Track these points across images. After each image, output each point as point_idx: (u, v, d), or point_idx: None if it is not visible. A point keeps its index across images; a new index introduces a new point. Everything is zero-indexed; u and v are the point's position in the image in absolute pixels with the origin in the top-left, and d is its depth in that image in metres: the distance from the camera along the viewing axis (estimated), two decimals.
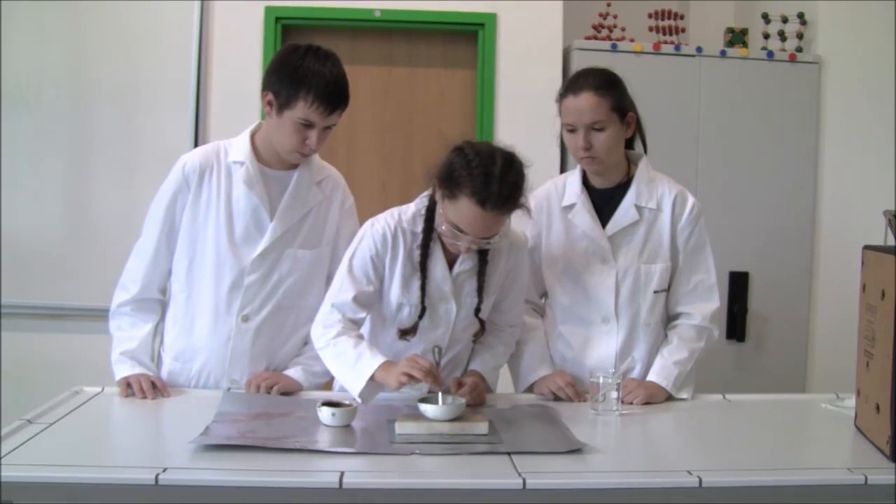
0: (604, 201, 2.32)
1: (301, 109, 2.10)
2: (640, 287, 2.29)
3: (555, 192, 2.38)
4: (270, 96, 2.14)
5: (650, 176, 2.32)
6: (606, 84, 2.23)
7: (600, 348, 2.32)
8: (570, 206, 2.33)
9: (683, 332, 2.31)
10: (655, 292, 2.30)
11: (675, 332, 2.32)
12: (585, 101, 2.20)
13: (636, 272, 2.29)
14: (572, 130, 2.23)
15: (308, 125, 2.13)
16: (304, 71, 2.10)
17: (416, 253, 2.12)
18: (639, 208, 2.29)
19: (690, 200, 2.32)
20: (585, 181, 2.35)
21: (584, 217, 2.31)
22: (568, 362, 2.36)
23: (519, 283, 2.28)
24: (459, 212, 1.96)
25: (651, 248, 2.30)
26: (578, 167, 2.35)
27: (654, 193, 2.30)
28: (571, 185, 2.36)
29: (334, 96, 2.12)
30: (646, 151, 2.38)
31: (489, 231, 2.00)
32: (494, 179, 1.93)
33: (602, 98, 2.20)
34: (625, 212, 2.29)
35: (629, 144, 2.35)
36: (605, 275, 2.30)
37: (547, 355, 2.37)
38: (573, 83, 2.25)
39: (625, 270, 2.29)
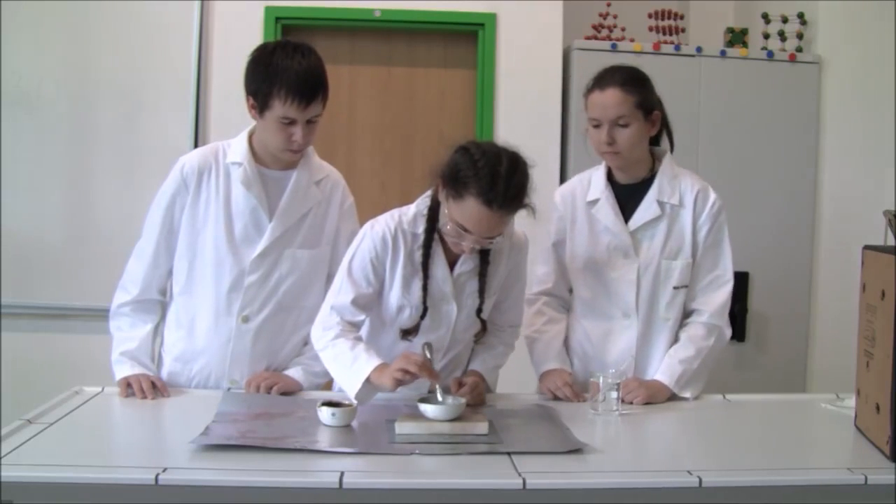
0: (627, 197, 2.34)
1: (278, 108, 2.10)
2: (661, 282, 2.30)
3: (580, 187, 2.40)
4: (252, 99, 2.14)
5: (674, 172, 2.33)
6: (632, 81, 2.25)
7: (620, 343, 2.33)
8: (594, 201, 2.35)
9: (692, 330, 2.31)
10: (675, 288, 2.31)
11: (685, 331, 2.33)
12: (611, 97, 2.22)
13: (657, 267, 2.30)
14: (597, 125, 2.25)
15: (290, 122, 2.12)
16: (274, 69, 2.09)
17: (417, 254, 2.12)
18: (661, 204, 2.30)
19: (712, 196, 2.33)
20: (610, 177, 2.36)
21: (607, 212, 2.32)
22: (588, 357, 2.37)
23: (520, 284, 2.28)
24: (465, 212, 1.96)
25: (673, 244, 2.30)
26: (603, 163, 2.37)
27: (677, 189, 2.31)
28: (596, 180, 2.37)
29: (307, 88, 2.09)
30: (672, 150, 2.39)
31: (494, 231, 2.00)
32: (501, 179, 1.93)
33: (627, 94, 2.22)
34: (647, 207, 2.30)
35: (656, 141, 2.37)
36: (627, 269, 2.31)
37: (561, 349, 2.37)
38: (600, 79, 2.27)
39: (646, 266, 2.30)
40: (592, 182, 2.38)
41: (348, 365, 2.03)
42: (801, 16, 3.95)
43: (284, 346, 2.32)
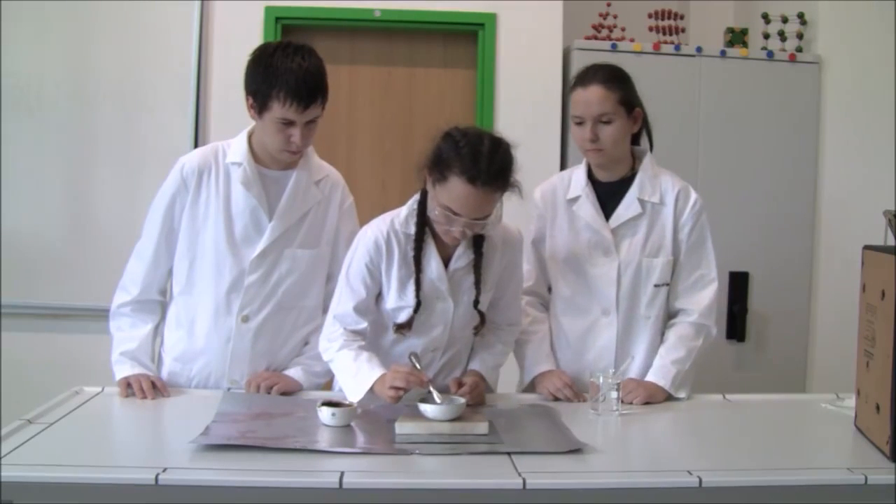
0: (608, 195, 2.35)
1: (277, 109, 2.09)
2: (641, 280, 2.31)
3: (560, 185, 2.41)
4: (251, 100, 2.14)
5: (654, 171, 2.34)
6: (615, 78, 2.27)
7: (599, 340, 2.34)
8: (575, 199, 2.36)
9: (681, 331, 2.32)
10: (656, 286, 2.32)
11: (673, 331, 2.33)
12: (594, 94, 2.24)
13: (638, 265, 2.31)
14: (580, 122, 2.27)
15: (288, 123, 2.12)
16: (274, 70, 2.08)
17: (411, 254, 2.13)
18: (642, 202, 2.31)
19: (693, 195, 2.34)
20: (591, 175, 2.37)
21: (587, 209, 2.33)
22: (567, 354, 2.37)
23: (516, 280, 2.28)
24: (451, 193, 1.97)
25: (653, 242, 2.31)
26: (584, 161, 2.38)
27: (658, 188, 2.32)
28: (577, 178, 2.39)
29: (306, 91, 2.09)
30: (652, 148, 2.40)
31: (481, 210, 2.00)
32: (483, 157, 1.95)
33: (610, 91, 2.24)
34: (628, 205, 2.31)
35: (636, 141, 2.38)
36: (607, 267, 2.32)
37: (550, 350, 2.37)
38: (583, 76, 2.29)
39: (627, 263, 2.31)
40: (573, 180, 2.39)
41: (352, 376, 2.07)
42: (801, 16, 3.95)
43: (284, 346, 2.32)
